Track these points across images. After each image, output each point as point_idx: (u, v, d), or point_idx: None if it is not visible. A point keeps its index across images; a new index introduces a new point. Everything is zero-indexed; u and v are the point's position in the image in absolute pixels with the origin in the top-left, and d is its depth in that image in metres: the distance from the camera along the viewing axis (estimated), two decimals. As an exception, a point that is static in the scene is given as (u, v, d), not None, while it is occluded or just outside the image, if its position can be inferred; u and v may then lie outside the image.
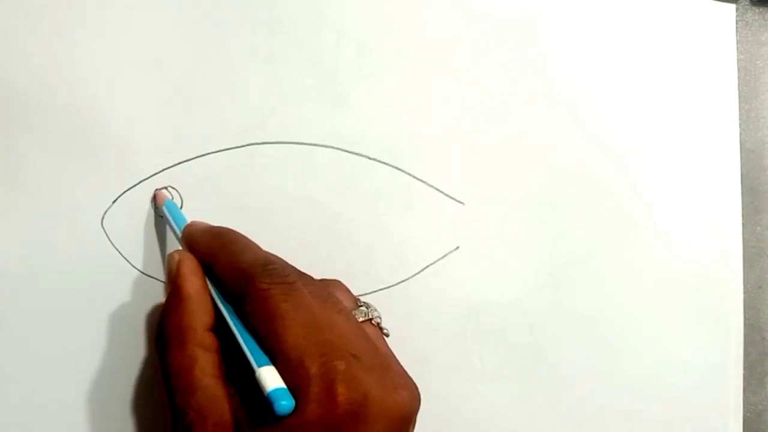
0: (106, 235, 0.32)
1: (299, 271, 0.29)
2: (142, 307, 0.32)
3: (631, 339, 0.37)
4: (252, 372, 0.25)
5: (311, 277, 0.29)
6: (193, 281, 0.28)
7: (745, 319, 0.38)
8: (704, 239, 0.38)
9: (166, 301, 0.29)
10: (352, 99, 0.35)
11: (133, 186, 0.32)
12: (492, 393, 0.35)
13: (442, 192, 0.35)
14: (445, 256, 0.35)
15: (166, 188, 0.33)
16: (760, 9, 0.40)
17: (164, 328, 0.28)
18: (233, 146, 0.33)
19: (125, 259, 0.32)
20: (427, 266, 0.32)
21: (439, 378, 0.35)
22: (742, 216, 0.38)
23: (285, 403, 0.24)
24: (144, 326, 0.32)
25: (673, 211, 0.38)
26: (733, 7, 0.39)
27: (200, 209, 0.33)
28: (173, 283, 0.29)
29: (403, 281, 0.35)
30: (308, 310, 0.26)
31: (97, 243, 0.32)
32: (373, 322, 0.30)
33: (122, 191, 0.32)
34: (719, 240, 0.38)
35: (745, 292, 0.38)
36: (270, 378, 0.25)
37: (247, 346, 0.26)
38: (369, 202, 0.35)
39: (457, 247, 0.35)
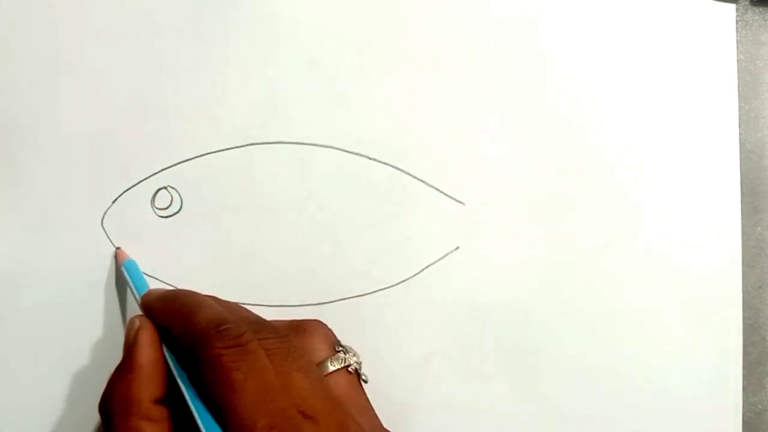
0: (106, 235, 0.32)
1: (259, 322, 0.28)
2: (142, 307, 0.32)
3: (631, 339, 0.37)
4: None
5: (273, 328, 0.28)
6: (148, 351, 0.28)
7: (745, 319, 0.38)
8: (704, 239, 0.38)
9: (116, 370, 0.28)
10: (352, 99, 0.35)
11: (133, 186, 0.32)
12: (492, 393, 0.35)
13: (442, 192, 0.35)
14: (445, 256, 0.35)
15: (165, 188, 0.33)
16: (760, 9, 0.40)
17: (110, 397, 0.27)
18: (233, 146, 0.33)
19: (125, 259, 0.32)
20: (427, 266, 0.32)
21: (439, 378, 0.35)
22: (742, 216, 0.38)
23: None
24: (144, 326, 0.32)
25: (672, 211, 0.38)
26: (733, 7, 0.39)
27: (200, 209, 0.33)
28: (127, 351, 0.28)
29: (403, 281, 0.35)
30: (261, 376, 0.25)
31: (97, 243, 0.32)
32: (350, 369, 0.30)
33: (122, 191, 0.32)
34: (719, 240, 0.38)
35: (745, 292, 0.38)
36: None
37: (199, 415, 0.25)
38: (369, 202, 0.35)
39: (457, 247, 0.35)
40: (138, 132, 0.32)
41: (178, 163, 0.33)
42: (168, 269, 0.32)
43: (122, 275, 0.31)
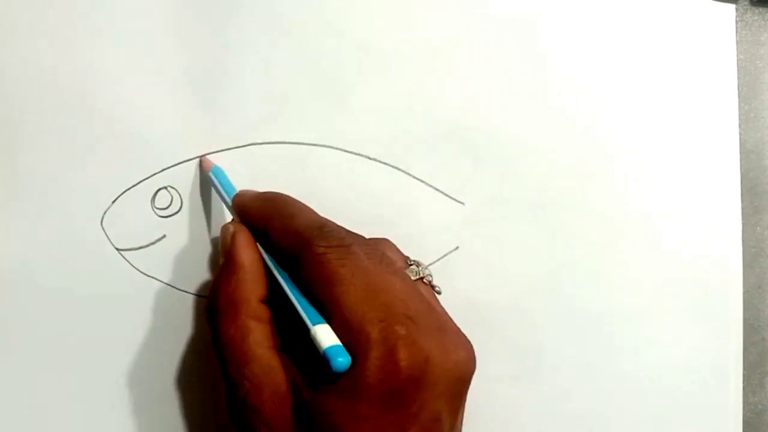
0: (106, 235, 0.32)
1: (352, 233, 0.29)
2: (142, 307, 0.32)
3: (631, 339, 0.37)
4: (307, 337, 0.25)
5: (364, 238, 0.29)
6: (247, 252, 0.28)
7: (745, 319, 0.38)
8: (704, 239, 0.38)
9: (220, 272, 0.28)
10: (352, 99, 0.35)
11: (133, 186, 0.32)
12: (492, 393, 0.35)
13: (442, 192, 0.35)
14: (445, 256, 0.35)
15: (165, 188, 0.33)
16: (760, 9, 0.40)
17: (216, 299, 0.28)
18: (233, 146, 0.33)
19: (125, 259, 0.32)
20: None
21: (439, 378, 0.34)
22: (742, 216, 0.38)
23: (342, 360, 0.24)
24: (144, 326, 0.32)
25: (672, 211, 0.38)
26: (732, 7, 0.39)
27: (200, 209, 0.33)
28: (227, 253, 0.28)
29: (403, 281, 0.35)
30: (365, 273, 0.26)
31: (96, 243, 0.32)
32: (424, 280, 0.30)
33: (122, 191, 0.32)
34: (719, 240, 0.38)
35: (744, 292, 0.38)
36: (325, 336, 0.24)
37: (303, 308, 0.26)
38: (369, 202, 0.35)
39: (457, 247, 0.35)
40: (138, 132, 0.32)
41: (178, 163, 0.33)
42: (168, 269, 0.32)
43: (209, 182, 0.32)
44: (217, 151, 0.33)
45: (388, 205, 0.35)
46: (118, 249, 0.32)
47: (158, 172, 0.32)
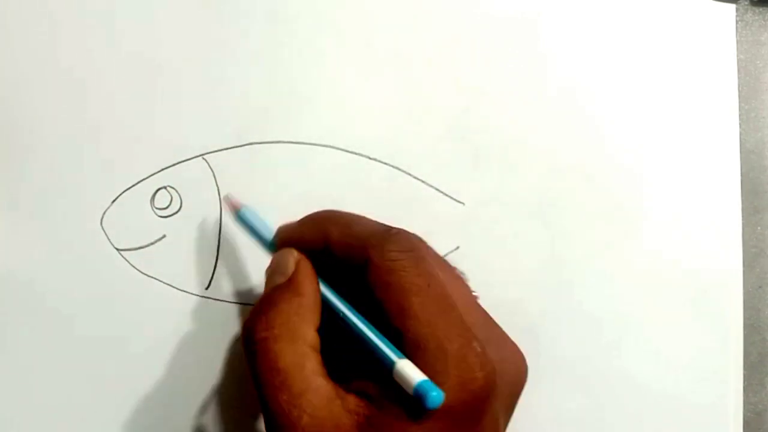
0: (106, 235, 0.32)
1: (416, 235, 0.27)
2: (141, 308, 0.32)
3: (631, 339, 0.37)
4: (373, 368, 0.24)
5: (422, 239, 0.27)
6: (311, 280, 0.27)
7: (745, 319, 0.38)
8: (704, 239, 0.38)
9: (278, 293, 0.27)
10: (352, 99, 0.35)
11: (133, 186, 0.32)
12: (492, 393, 0.35)
13: (442, 192, 0.35)
14: (445, 256, 0.35)
15: (165, 188, 0.33)
16: (760, 9, 0.40)
17: (273, 320, 0.26)
18: (233, 146, 0.33)
19: (125, 259, 0.32)
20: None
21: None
22: (742, 216, 0.38)
23: (435, 395, 0.22)
24: (143, 326, 0.32)
25: (673, 211, 0.38)
26: (733, 7, 0.39)
27: (200, 209, 0.33)
28: (291, 278, 0.27)
29: (403, 281, 0.35)
30: (439, 282, 0.25)
31: (96, 243, 0.32)
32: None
33: (122, 191, 0.32)
34: (719, 240, 0.38)
35: (745, 293, 0.38)
36: (412, 372, 0.23)
37: (378, 343, 0.24)
38: (369, 202, 0.34)
39: (457, 247, 0.35)
40: (138, 132, 0.32)
41: (178, 163, 0.33)
42: (168, 269, 0.32)
43: (244, 221, 0.30)
44: (217, 151, 0.33)
45: (388, 205, 0.35)
46: (117, 249, 0.32)
47: (158, 172, 0.32)
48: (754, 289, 0.39)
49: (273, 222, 0.30)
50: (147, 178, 0.32)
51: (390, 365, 0.24)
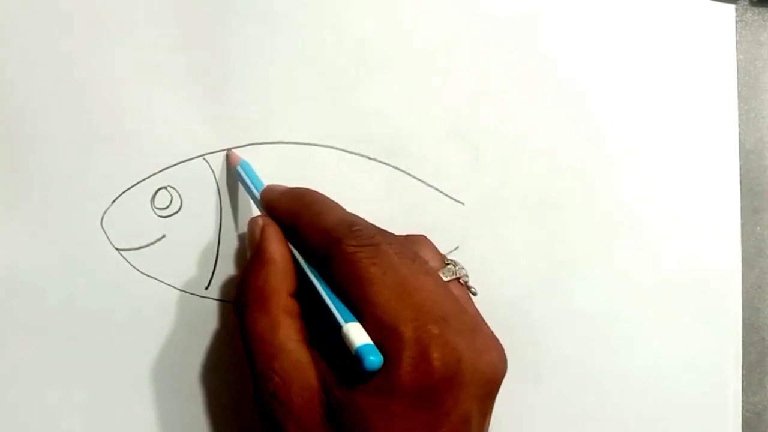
0: (106, 235, 0.32)
1: (383, 230, 0.28)
2: (141, 308, 0.32)
3: (631, 339, 0.37)
4: (337, 334, 0.25)
5: (396, 236, 0.29)
6: (277, 246, 0.28)
7: (745, 319, 0.38)
8: (703, 239, 0.38)
9: (249, 264, 0.28)
10: (352, 99, 0.35)
11: (133, 186, 0.32)
12: (492, 393, 0.35)
13: (442, 192, 0.35)
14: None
15: (165, 188, 0.33)
16: (760, 9, 0.40)
17: (246, 291, 0.27)
18: (233, 146, 0.33)
19: (125, 259, 0.32)
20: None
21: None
22: (742, 216, 0.38)
23: (374, 359, 0.23)
24: (144, 326, 0.32)
25: (672, 211, 0.38)
26: (732, 7, 0.39)
27: (200, 209, 0.33)
28: (257, 247, 0.28)
29: (403, 281, 0.35)
30: (396, 272, 0.26)
31: (96, 243, 0.32)
32: (460, 281, 0.30)
33: (122, 191, 0.32)
34: (718, 240, 0.38)
35: (744, 292, 0.38)
36: (357, 334, 0.24)
37: (334, 305, 0.26)
38: (369, 202, 0.34)
39: (457, 247, 0.35)
40: (138, 132, 0.32)
41: (178, 163, 0.33)
42: (168, 269, 0.32)
43: (237, 176, 0.32)
44: (217, 151, 0.33)
45: (388, 205, 0.35)
46: (117, 249, 0.32)
47: (158, 172, 0.32)
48: (754, 289, 0.39)
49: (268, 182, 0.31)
50: (147, 178, 0.32)
51: (340, 327, 0.25)
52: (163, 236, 0.32)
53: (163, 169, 0.32)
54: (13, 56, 0.31)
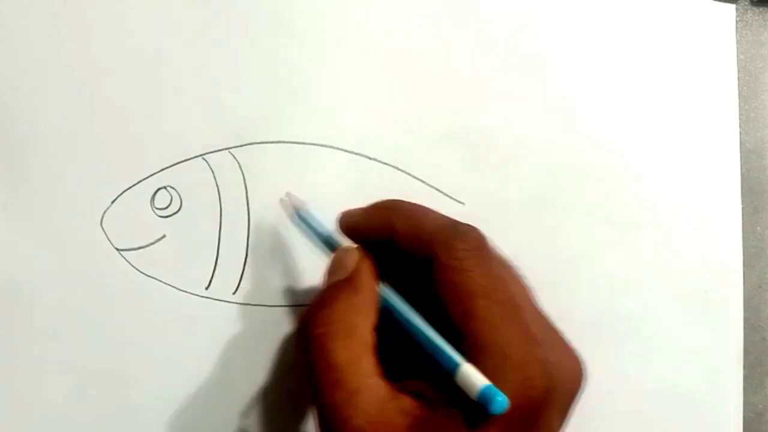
0: (106, 235, 0.32)
1: (477, 229, 0.26)
2: (141, 308, 0.32)
3: (631, 339, 0.37)
4: (433, 370, 0.24)
5: (484, 235, 0.26)
6: (371, 279, 0.26)
7: (745, 319, 0.38)
8: (704, 239, 0.38)
9: (335, 290, 0.26)
10: (351, 99, 0.35)
11: (133, 186, 0.32)
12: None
13: (442, 192, 0.35)
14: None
15: (165, 188, 0.33)
16: (760, 9, 0.40)
17: (329, 317, 0.25)
18: (233, 146, 0.33)
19: (125, 259, 0.32)
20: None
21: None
22: (742, 216, 0.38)
23: (501, 400, 0.22)
24: (144, 326, 0.32)
25: (673, 211, 0.38)
26: (732, 7, 0.39)
27: (200, 209, 0.33)
28: (350, 274, 0.26)
29: (403, 281, 0.35)
30: (504, 286, 0.24)
31: (96, 243, 0.32)
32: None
33: (122, 191, 0.32)
34: (719, 240, 0.38)
35: (745, 292, 0.38)
36: (475, 376, 0.23)
37: (442, 346, 0.24)
38: (369, 202, 0.34)
39: (457, 247, 0.35)
40: (138, 132, 0.32)
41: (178, 163, 0.33)
42: (168, 269, 0.32)
43: (299, 222, 0.30)
44: (217, 151, 0.33)
45: (388, 205, 0.35)
46: (118, 249, 0.32)
47: (158, 172, 0.32)
48: (754, 289, 0.39)
49: (331, 221, 0.29)
50: (147, 178, 0.32)
51: (453, 368, 0.23)
52: (163, 236, 0.32)
53: (163, 169, 0.32)
54: (14, 56, 0.31)
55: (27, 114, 0.31)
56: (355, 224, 0.28)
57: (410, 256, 0.26)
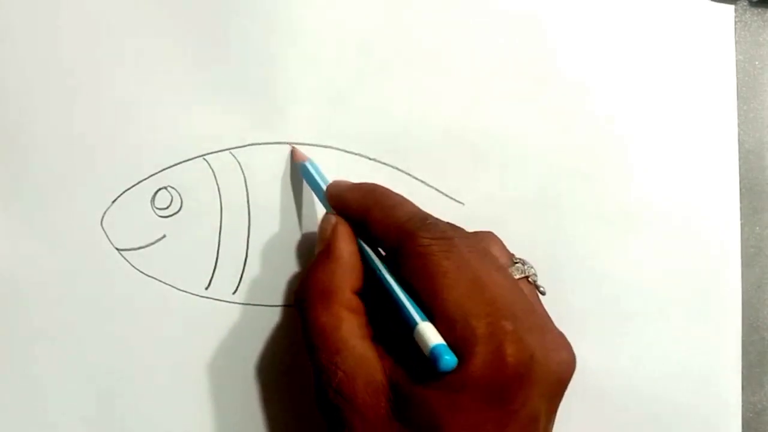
0: (106, 235, 0.32)
1: (454, 225, 0.28)
2: (141, 308, 0.32)
3: (630, 339, 0.37)
4: (406, 331, 0.25)
5: (466, 232, 0.29)
6: (347, 244, 0.28)
7: (745, 318, 0.38)
8: (703, 239, 0.38)
9: (316, 259, 0.29)
10: (352, 99, 0.35)
11: (133, 186, 0.32)
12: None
13: (442, 192, 0.35)
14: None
15: (165, 188, 0.33)
16: (759, 10, 0.40)
17: (309, 286, 0.28)
18: (233, 146, 0.33)
19: (125, 259, 0.32)
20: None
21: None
22: (741, 216, 0.38)
23: (449, 359, 0.23)
24: (144, 326, 0.32)
25: (671, 211, 0.38)
26: (731, 7, 0.39)
27: (200, 209, 0.33)
28: (326, 243, 0.28)
29: (403, 281, 0.35)
30: (469, 267, 0.26)
31: (96, 243, 0.32)
32: (529, 279, 0.30)
33: (122, 191, 0.32)
34: (718, 240, 0.38)
35: (744, 292, 0.38)
36: (431, 334, 0.24)
37: (406, 303, 0.25)
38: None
39: (457, 247, 0.35)
40: (138, 132, 0.32)
41: (178, 163, 0.33)
42: (168, 269, 0.32)
43: (302, 173, 0.32)
44: (217, 151, 0.33)
45: (388, 205, 0.35)
46: (118, 249, 0.32)
47: (158, 172, 0.32)
48: (754, 289, 0.39)
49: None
50: (147, 178, 0.32)
51: (413, 326, 0.24)
52: (163, 236, 0.32)
53: (163, 169, 0.32)
54: (14, 56, 0.31)
55: (27, 114, 0.31)
56: (338, 195, 0.30)
57: (380, 242, 0.28)
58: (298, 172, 0.33)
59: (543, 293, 0.30)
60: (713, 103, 0.39)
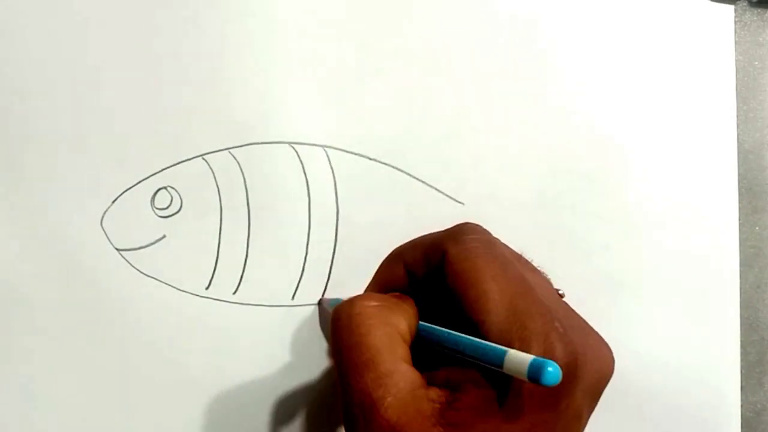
0: (106, 235, 0.32)
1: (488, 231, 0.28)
2: (141, 308, 0.32)
3: (630, 339, 0.37)
4: (457, 362, 0.24)
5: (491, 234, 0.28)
6: (411, 301, 0.28)
7: (744, 318, 0.38)
8: (702, 239, 0.38)
9: (380, 295, 0.27)
10: (352, 99, 0.35)
11: (133, 186, 0.32)
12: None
13: (442, 192, 0.35)
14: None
15: (165, 188, 0.33)
16: (759, 10, 0.40)
17: (370, 304, 0.26)
18: (233, 146, 0.33)
19: (125, 259, 0.32)
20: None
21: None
22: (740, 216, 0.38)
23: (552, 370, 0.21)
24: (144, 326, 0.32)
25: (671, 211, 0.38)
26: (731, 8, 0.39)
27: (200, 209, 0.33)
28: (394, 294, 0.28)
29: (403, 281, 0.35)
30: (514, 267, 0.25)
31: (96, 243, 0.32)
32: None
33: (122, 191, 0.32)
34: (717, 240, 0.38)
35: (743, 292, 0.38)
36: (521, 354, 0.22)
37: (478, 342, 0.24)
38: (369, 203, 0.34)
39: (457, 247, 0.35)
40: (138, 132, 0.32)
41: (178, 163, 0.33)
42: (168, 269, 0.32)
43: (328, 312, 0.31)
44: (217, 151, 0.33)
45: (388, 205, 0.35)
46: (118, 249, 0.32)
47: (158, 172, 0.32)
48: (753, 289, 0.39)
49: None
50: (147, 178, 0.32)
51: (500, 357, 0.23)
52: (163, 236, 0.32)
53: (163, 169, 0.32)
54: (14, 56, 0.31)
55: (27, 114, 0.31)
56: (374, 283, 0.31)
57: (425, 269, 0.27)
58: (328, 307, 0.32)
59: (562, 296, 0.30)
60: (713, 103, 0.39)
